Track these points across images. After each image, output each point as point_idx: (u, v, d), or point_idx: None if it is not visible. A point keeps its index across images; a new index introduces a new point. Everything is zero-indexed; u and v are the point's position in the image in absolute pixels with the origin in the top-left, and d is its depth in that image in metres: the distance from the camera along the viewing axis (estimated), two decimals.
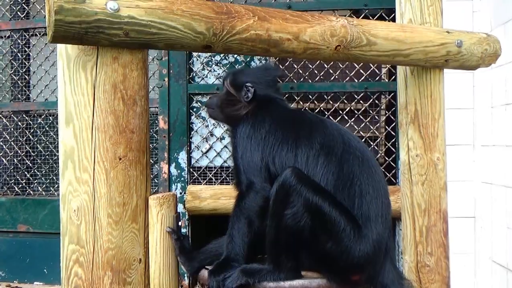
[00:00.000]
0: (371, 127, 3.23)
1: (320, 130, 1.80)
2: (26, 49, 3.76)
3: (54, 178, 3.62)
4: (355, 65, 3.20)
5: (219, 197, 3.05)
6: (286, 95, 3.23)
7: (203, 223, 3.19)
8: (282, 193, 1.63)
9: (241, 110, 1.94)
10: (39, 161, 3.68)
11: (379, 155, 3.20)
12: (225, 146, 3.36)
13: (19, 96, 3.76)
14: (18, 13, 3.74)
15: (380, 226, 1.69)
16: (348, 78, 3.28)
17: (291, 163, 1.73)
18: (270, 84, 1.96)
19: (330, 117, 3.20)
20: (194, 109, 3.38)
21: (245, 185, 1.76)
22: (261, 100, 1.92)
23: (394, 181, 3.17)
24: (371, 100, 3.23)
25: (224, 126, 3.17)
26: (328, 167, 1.72)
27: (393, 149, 3.19)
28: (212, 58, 3.34)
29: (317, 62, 3.24)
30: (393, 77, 3.27)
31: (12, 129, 3.74)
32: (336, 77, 3.30)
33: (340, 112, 3.29)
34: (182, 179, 3.27)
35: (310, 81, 3.30)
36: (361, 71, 3.28)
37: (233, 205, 1.81)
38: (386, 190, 1.81)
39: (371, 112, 3.21)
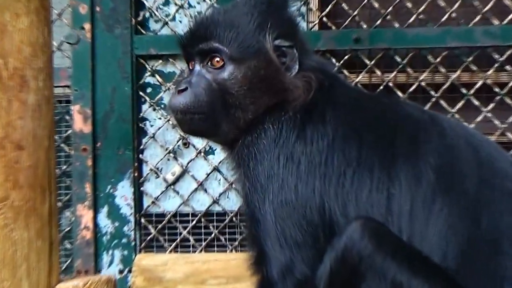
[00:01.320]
0: None
1: (432, 140, 1.58)
2: None
3: None
4: None
5: (204, 279, 2.36)
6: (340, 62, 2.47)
7: None
8: (343, 272, 1.47)
9: (264, 104, 1.64)
10: None
11: None
12: (217, 170, 2.56)
13: None
14: None
15: None
16: (479, 17, 2.30)
17: (381, 213, 1.51)
18: (306, 41, 1.74)
19: (445, 105, 2.47)
20: (148, 90, 2.62)
21: (276, 266, 1.56)
22: (312, 77, 1.65)
23: None
24: None
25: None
26: (450, 218, 1.50)
27: None
28: None
29: None
30: None
31: None
32: (453, 15, 2.33)
33: (463, 91, 2.34)
34: (124, 240, 2.62)
35: (396, 24, 2.48)
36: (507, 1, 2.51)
37: None
38: None
39: None
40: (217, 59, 1.62)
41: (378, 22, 2.42)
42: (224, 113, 1.66)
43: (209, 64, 1.63)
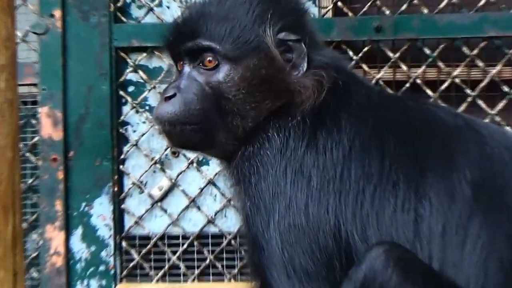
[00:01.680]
0: None
1: (468, 150, 1.57)
2: None
3: None
4: None
5: None
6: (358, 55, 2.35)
7: None
8: None
9: (266, 109, 1.61)
10: None
11: None
12: (212, 184, 2.45)
13: None
14: None
15: None
16: None
17: (407, 237, 1.49)
18: (316, 32, 1.72)
19: (484, 106, 2.36)
20: (130, 89, 2.55)
21: None
22: (323, 76, 1.62)
23: None
24: None
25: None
26: (490, 242, 1.47)
27: None
28: None
29: None
30: None
31: None
32: None
33: (504, 90, 2.33)
34: (102, 267, 2.56)
35: (425, 10, 2.36)
36: None
37: None
38: None
39: None
40: (209, 58, 1.57)
41: (404, 7, 2.34)
42: (220, 121, 1.62)
43: (200, 64, 1.59)
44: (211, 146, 1.65)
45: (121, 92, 2.43)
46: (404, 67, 2.29)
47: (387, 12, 2.24)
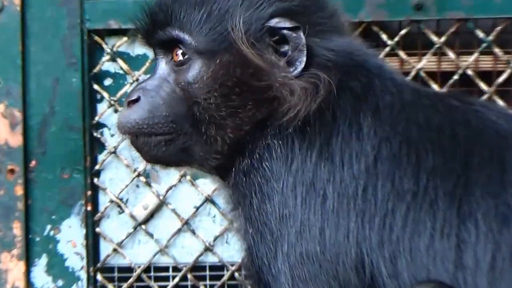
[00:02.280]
0: None
1: None
2: None
3: None
4: None
5: None
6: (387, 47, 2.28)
7: None
8: None
9: (250, 117, 1.60)
10: None
11: None
12: (210, 201, 2.35)
13: None
14: None
15: None
16: None
17: (447, 269, 1.45)
18: (327, 16, 1.65)
19: None
20: (107, 82, 2.40)
21: None
22: (320, 77, 1.58)
23: None
24: None
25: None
26: None
27: None
28: None
29: None
30: None
31: None
32: None
33: None
34: None
35: None
36: None
37: None
38: None
39: None
40: (179, 52, 1.55)
41: None
42: (194, 131, 1.57)
43: (172, 59, 1.58)
44: (189, 162, 1.61)
45: (96, 86, 2.26)
46: (451, 55, 2.13)
47: None
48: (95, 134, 2.17)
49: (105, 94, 2.27)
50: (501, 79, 2.06)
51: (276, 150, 1.54)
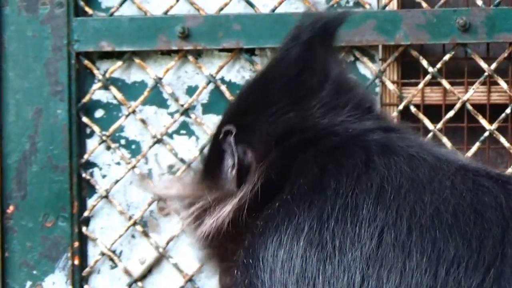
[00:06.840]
0: None
1: None
2: None
3: None
4: None
5: None
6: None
7: None
8: None
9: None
10: None
11: None
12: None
13: None
14: None
15: None
16: None
17: None
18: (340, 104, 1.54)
19: None
20: (98, 114, 2.30)
21: None
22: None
23: None
24: None
25: None
26: None
27: None
28: None
29: None
30: None
31: None
32: None
33: None
34: None
35: None
36: None
37: None
38: None
39: None
40: None
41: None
42: None
43: None
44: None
45: (85, 119, 2.11)
46: (503, 84, 1.85)
47: (479, 2, 1.83)
48: (83, 175, 2.00)
49: (96, 128, 2.06)
50: None
51: (264, 237, 1.33)
